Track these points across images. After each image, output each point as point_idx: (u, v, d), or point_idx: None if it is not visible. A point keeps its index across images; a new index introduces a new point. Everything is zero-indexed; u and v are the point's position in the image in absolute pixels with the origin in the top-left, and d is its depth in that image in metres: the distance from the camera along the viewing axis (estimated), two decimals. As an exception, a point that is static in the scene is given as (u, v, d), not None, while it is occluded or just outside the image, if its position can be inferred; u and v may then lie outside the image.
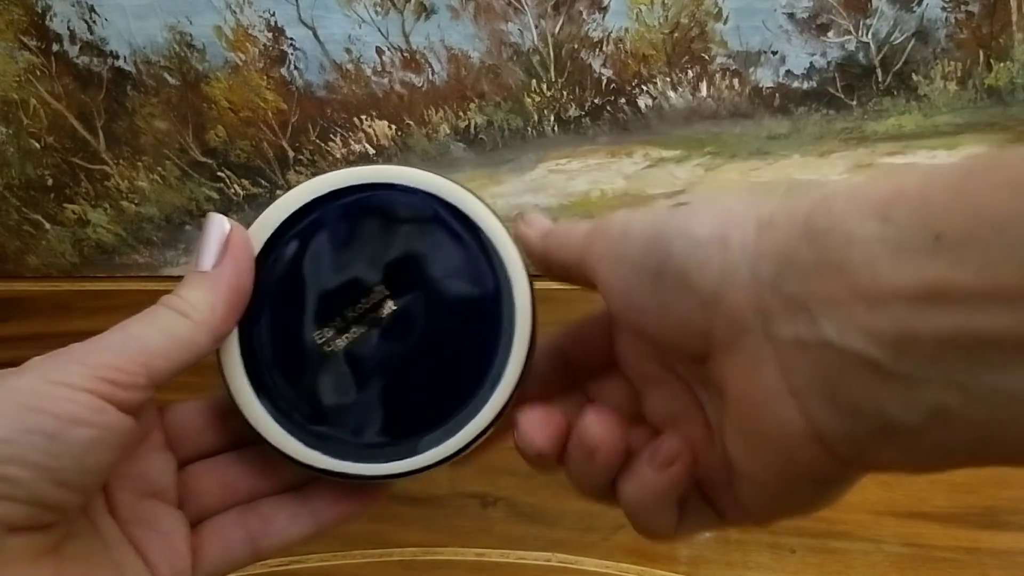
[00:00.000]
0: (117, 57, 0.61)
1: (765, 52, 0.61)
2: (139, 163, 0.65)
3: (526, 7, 0.60)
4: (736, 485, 0.25)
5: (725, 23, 0.60)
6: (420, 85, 0.62)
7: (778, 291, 0.20)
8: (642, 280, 0.24)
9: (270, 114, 0.63)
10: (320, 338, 0.29)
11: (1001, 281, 0.17)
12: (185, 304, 0.26)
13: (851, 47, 0.61)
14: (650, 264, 0.23)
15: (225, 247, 0.26)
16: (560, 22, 0.60)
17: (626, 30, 0.61)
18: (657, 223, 0.24)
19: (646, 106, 0.64)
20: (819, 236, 0.20)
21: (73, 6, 0.59)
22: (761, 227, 0.21)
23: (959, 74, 0.62)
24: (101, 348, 0.24)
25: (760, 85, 0.63)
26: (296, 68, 0.61)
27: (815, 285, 0.20)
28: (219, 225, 0.26)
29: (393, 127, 0.64)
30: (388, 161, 0.65)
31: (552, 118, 0.64)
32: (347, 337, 0.29)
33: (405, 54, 0.61)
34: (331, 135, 0.64)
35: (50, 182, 0.66)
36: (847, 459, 0.21)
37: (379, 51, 0.61)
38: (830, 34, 0.61)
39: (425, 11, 0.60)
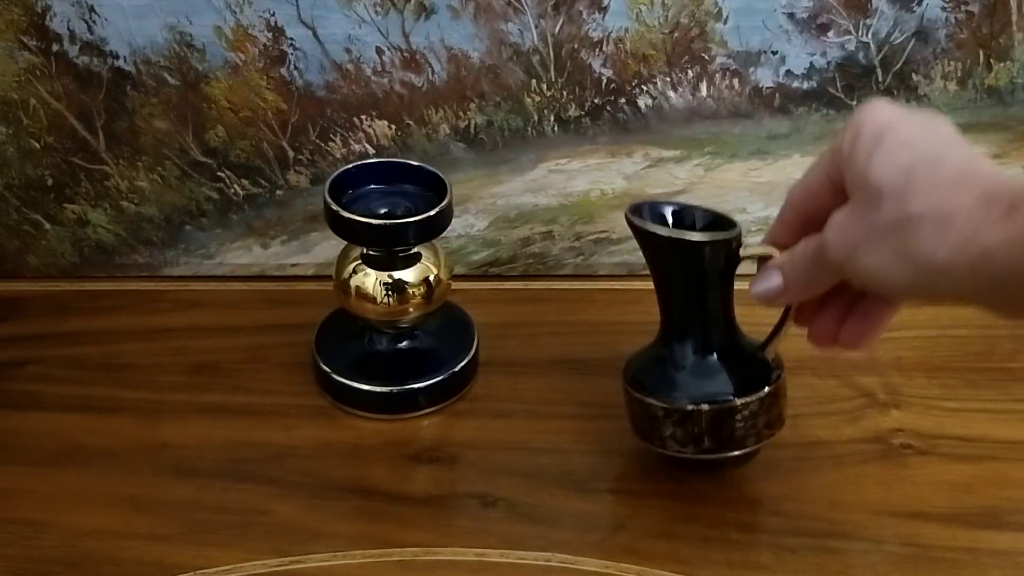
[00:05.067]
0: (117, 57, 0.61)
1: (765, 52, 0.61)
2: (139, 163, 0.65)
3: (526, 7, 0.60)
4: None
5: (725, 23, 0.60)
6: (420, 85, 0.62)
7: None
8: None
9: (270, 114, 0.63)
10: None
11: None
12: None
13: (851, 47, 0.61)
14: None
15: None
16: (560, 22, 0.60)
17: (626, 30, 0.61)
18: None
19: (646, 106, 0.64)
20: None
21: (73, 6, 0.59)
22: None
23: (959, 74, 0.62)
24: None
25: (760, 85, 0.63)
26: (296, 68, 0.62)
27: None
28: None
29: (393, 127, 0.64)
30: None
31: (552, 118, 0.64)
32: None
33: (405, 54, 0.61)
34: (331, 135, 0.64)
35: (50, 182, 0.66)
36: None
37: (379, 51, 0.61)
38: (830, 34, 0.61)
39: (425, 11, 0.60)
